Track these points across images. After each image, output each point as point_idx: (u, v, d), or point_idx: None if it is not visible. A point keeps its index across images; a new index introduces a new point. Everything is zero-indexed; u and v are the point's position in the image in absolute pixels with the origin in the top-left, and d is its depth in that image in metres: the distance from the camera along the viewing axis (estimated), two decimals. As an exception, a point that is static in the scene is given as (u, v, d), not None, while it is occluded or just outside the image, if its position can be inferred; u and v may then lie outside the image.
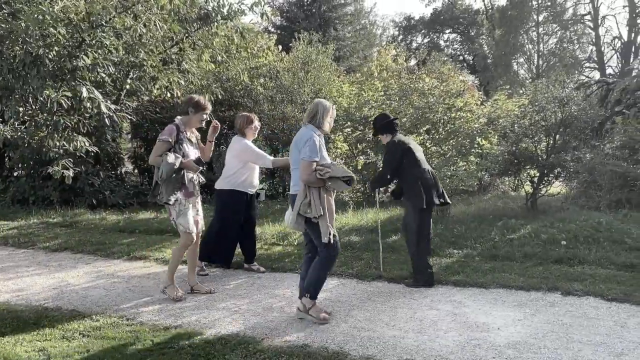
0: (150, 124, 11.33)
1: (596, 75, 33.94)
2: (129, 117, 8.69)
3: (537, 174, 8.60)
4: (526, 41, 35.64)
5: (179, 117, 4.95)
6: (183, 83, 9.72)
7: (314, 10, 33.92)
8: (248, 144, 5.55)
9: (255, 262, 5.88)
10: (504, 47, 33.07)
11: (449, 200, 5.46)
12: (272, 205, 10.03)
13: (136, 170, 12.54)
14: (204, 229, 5.09)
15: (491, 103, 8.29)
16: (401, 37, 44.04)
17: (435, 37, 45.38)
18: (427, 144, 7.94)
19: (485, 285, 5.02)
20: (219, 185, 5.63)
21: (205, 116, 4.86)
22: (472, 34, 43.47)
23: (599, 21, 34.59)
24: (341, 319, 4.25)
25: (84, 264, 6.23)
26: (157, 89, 9.06)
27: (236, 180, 5.53)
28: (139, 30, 7.51)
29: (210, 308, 4.58)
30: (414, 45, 43.12)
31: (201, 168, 4.86)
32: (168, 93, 8.97)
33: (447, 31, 45.83)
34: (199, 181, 4.91)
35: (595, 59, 34.92)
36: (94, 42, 7.63)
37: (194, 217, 4.81)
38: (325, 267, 4.23)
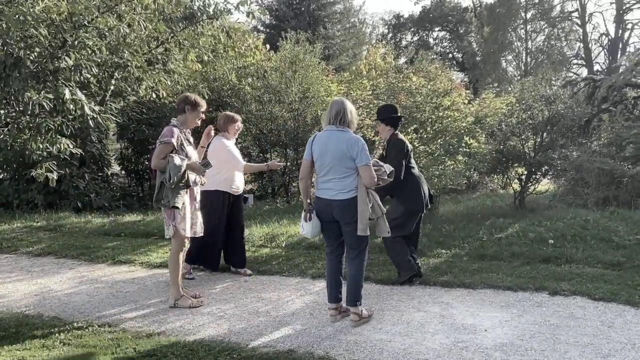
0: (136, 125, 11.21)
1: (584, 72, 34.19)
2: (114, 118, 8.57)
3: (525, 172, 8.60)
4: (514, 38, 35.77)
5: (174, 118, 4.87)
6: (169, 83, 9.63)
7: (303, 9, 33.85)
8: (224, 143, 5.45)
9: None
10: (493, 45, 33.18)
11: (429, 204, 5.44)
12: (261, 206, 9.96)
13: (123, 172, 12.41)
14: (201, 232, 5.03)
15: (479, 102, 8.26)
16: (390, 35, 44.05)
17: (424, 35, 45.44)
18: (416, 143, 7.88)
19: (473, 286, 4.99)
20: (207, 185, 5.55)
21: (201, 114, 4.78)
22: (461, 31, 43.54)
23: (586, 18, 34.82)
24: (327, 322, 4.20)
25: (67, 269, 6.13)
26: (143, 89, 8.95)
27: (217, 180, 5.46)
28: (122, 30, 7.41)
29: (195, 313, 4.52)
30: (404, 43, 43.16)
31: (209, 167, 4.80)
32: (154, 94, 8.86)
33: (436, 29, 45.88)
34: (201, 183, 4.84)
35: (583, 56, 35.15)
36: (76, 42, 7.51)
37: (195, 220, 4.74)
38: (364, 268, 4.28)
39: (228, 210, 5.61)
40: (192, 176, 4.65)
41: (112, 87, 8.89)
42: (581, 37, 34.72)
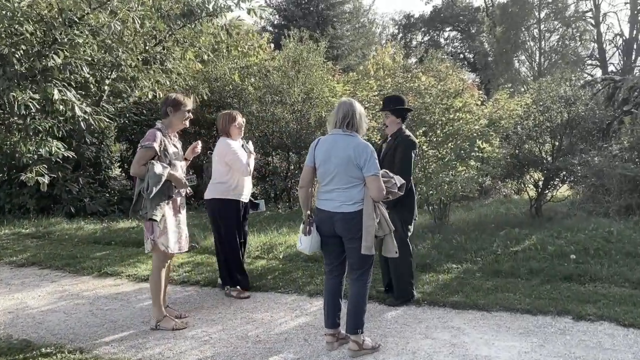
0: (137, 127, 10.83)
1: (598, 73, 33.41)
2: (107, 120, 8.15)
3: (542, 178, 8.08)
4: (528, 38, 35.06)
5: (159, 121, 4.44)
6: (168, 83, 9.20)
7: (311, 9, 33.47)
8: (229, 144, 4.95)
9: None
10: (505, 44, 32.51)
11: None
12: (262, 212, 9.49)
13: (123, 174, 12.04)
14: (188, 246, 4.55)
15: (492, 103, 7.75)
16: (401, 35, 43.51)
17: (435, 35, 44.89)
18: (424, 147, 7.40)
19: (488, 308, 4.50)
20: (209, 194, 5.04)
21: (187, 114, 4.32)
22: (473, 31, 42.94)
23: (601, 18, 34.10)
24: (322, 350, 3.74)
25: (49, 281, 5.71)
26: (139, 89, 8.53)
27: (227, 188, 4.94)
28: (113, 27, 6.98)
29: (178, 337, 4.07)
30: (414, 43, 42.62)
31: (192, 184, 4.35)
32: (150, 94, 8.44)
33: (448, 29, 45.37)
34: (186, 193, 4.40)
35: (597, 56, 34.40)
36: (66, 40, 7.10)
37: (180, 234, 4.29)
38: (367, 291, 3.80)
39: (243, 220, 5.17)
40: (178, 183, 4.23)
41: (106, 88, 8.46)
42: (595, 37, 33.99)
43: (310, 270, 5.74)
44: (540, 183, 8.07)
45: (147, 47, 9.16)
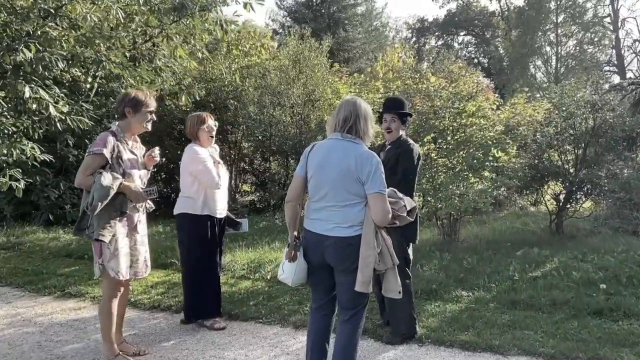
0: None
1: (616, 79, 32.41)
2: (89, 121, 7.50)
3: (564, 191, 7.30)
4: (544, 43, 34.13)
5: (114, 122, 3.79)
6: (158, 82, 8.55)
7: (323, 11, 32.96)
8: (196, 151, 4.25)
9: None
10: (521, 49, 31.60)
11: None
12: (258, 221, 8.82)
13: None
14: (149, 271, 3.85)
15: (509, 107, 7.00)
16: (414, 39, 42.75)
17: (449, 39, 44.12)
18: (433, 155, 6.68)
19: (503, 351, 3.75)
20: (177, 208, 4.34)
21: (149, 116, 3.64)
22: (488, 36, 42.09)
23: (619, 24, 33.13)
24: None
25: (4, 302, 5.06)
26: (124, 88, 7.90)
27: (195, 202, 4.24)
28: (89, 19, 6.34)
29: (129, 382, 3.38)
30: (427, 47, 41.82)
31: (153, 198, 3.66)
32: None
33: (462, 33, 44.61)
34: (145, 208, 3.72)
35: (615, 62, 33.41)
36: (39, 32, 6.48)
37: (136, 257, 3.61)
38: (359, 337, 3.10)
39: (219, 239, 4.45)
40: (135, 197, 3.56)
41: (89, 86, 7.84)
42: (614, 43, 32.99)
43: (299, 296, 5.03)
44: (562, 196, 7.29)
45: (136, 44, 8.55)
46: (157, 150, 3.77)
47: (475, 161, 6.29)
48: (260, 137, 9.10)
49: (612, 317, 4.34)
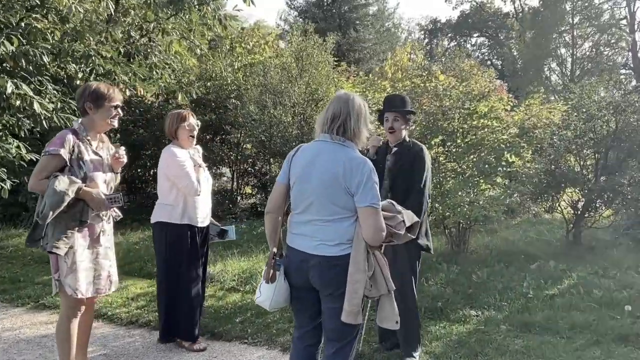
0: (132, 128, 9.88)
1: (632, 82, 31.60)
2: (76, 118, 7.13)
3: (582, 199, 6.78)
4: (559, 44, 33.42)
5: (76, 119, 3.38)
6: (153, 78, 8.16)
7: (334, 11, 32.59)
8: (174, 153, 3.80)
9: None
10: (536, 50, 30.92)
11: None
12: (257, 226, 8.40)
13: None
14: (115, 286, 3.42)
15: (524, 109, 6.50)
16: (426, 41, 42.18)
17: (462, 41, 43.51)
18: (441, 159, 6.21)
19: (516, 385, 3.29)
20: (154, 216, 3.90)
21: (114, 111, 3.21)
22: (501, 37, 41.43)
23: (636, 26, 32.34)
24: None
25: (-28, 314, 4.68)
26: (115, 85, 7.52)
27: (173, 210, 3.80)
28: (73, 9, 5.98)
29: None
30: (440, 50, 41.23)
31: (118, 205, 3.24)
32: (127, 91, 7.40)
33: (475, 35, 43.98)
34: (110, 216, 3.31)
35: (632, 65, 32.63)
36: (23, 24, 6.13)
37: (98, 272, 3.19)
38: None
39: (201, 250, 4.00)
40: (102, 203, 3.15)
41: (78, 82, 7.47)
42: (630, 45, 32.21)
43: (289, 313, 4.55)
44: (580, 205, 6.77)
45: (131, 38, 8.19)
46: (122, 150, 3.34)
47: (486, 166, 5.82)
48: (261, 138, 8.68)
49: (639, 344, 3.85)
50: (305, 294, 2.64)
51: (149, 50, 7.99)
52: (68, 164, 3.05)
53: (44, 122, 6.56)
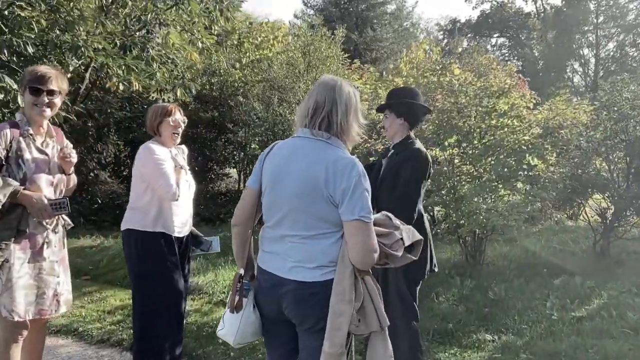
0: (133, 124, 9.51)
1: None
2: (67, 114, 6.71)
3: (611, 208, 6.17)
4: (583, 44, 32.46)
5: (18, 112, 2.90)
6: (151, 71, 7.69)
7: (351, 9, 32.14)
8: (153, 150, 3.26)
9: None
10: (558, 50, 30.04)
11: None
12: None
13: (115, 179, 10.70)
14: (67, 307, 2.93)
15: (548, 106, 5.90)
16: (446, 41, 41.42)
17: (482, 41, 42.66)
18: (456, 161, 5.66)
19: None
20: (125, 223, 3.34)
21: (50, 99, 2.71)
22: (522, 38, 40.53)
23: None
24: None
25: None
26: (109, 79, 7.11)
27: (146, 216, 3.26)
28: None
29: None
30: (459, 50, 40.45)
31: (61, 212, 2.76)
32: (120, 85, 6.97)
33: (495, 35, 43.12)
34: (58, 224, 2.83)
35: (656, 66, 31.63)
36: (6, 13, 5.73)
37: (42, 290, 2.70)
38: None
39: (180, 262, 3.42)
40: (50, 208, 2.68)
41: (70, 75, 7.07)
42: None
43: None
44: (609, 213, 6.15)
45: (129, 30, 7.75)
46: (70, 147, 2.85)
47: (506, 169, 5.24)
48: (265, 139, 8.21)
49: (686, 382, 3.27)
50: (278, 327, 2.14)
51: (146, 42, 7.54)
52: (4, 162, 2.58)
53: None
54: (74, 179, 2.94)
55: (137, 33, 7.83)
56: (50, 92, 2.69)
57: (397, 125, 3.03)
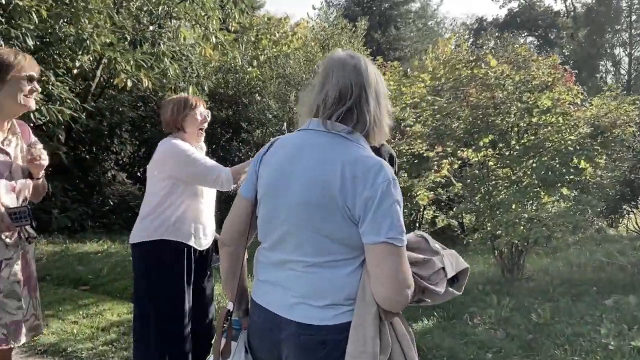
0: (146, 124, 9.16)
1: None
2: (70, 112, 6.32)
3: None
4: (617, 43, 31.34)
5: None
6: (162, 67, 7.29)
7: (374, 8, 31.61)
8: (177, 143, 2.71)
9: None
10: (590, 49, 28.99)
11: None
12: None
13: (127, 180, 10.36)
14: (35, 333, 2.44)
15: (598, 101, 5.26)
16: (471, 40, 40.53)
17: (510, 40, 41.67)
18: (491, 163, 5.08)
19: None
20: (135, 236, 2.76)
21: (26, 84, 2.22)
22: (552, 37, 39.43)
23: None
24: None
25: None
26: (117, 75, 6.72)
27: (165, 222, 2.67)
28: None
29: None
30: (491, 44, 39.55)
31: (22, 224, 2.26)
32: (128, 81, 6.56)
33: (524, 34, 42.07)
34: (22, 236, 2.34)
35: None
36: (4, 2, 5.36)
37: (5, 311, 2.21)
38: None
39: (193, 278, 2.81)
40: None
41: (76, 71, 6.70)
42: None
43: None
44: (664, 223, 5.51)
45: (140, 24, 7.38)
46: (39, 147, 2.37)
47: (550, 173, 4.64)
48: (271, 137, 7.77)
49: None
50: None
51: (157, 37, 7.14)
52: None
53: (31, 115, 5.78)
54: (43, 184, 2.47)
55: (149, 27, 7.45)
56: (31, 79, 2.21)
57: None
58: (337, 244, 1.45)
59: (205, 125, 2.89)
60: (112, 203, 8.70)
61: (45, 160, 2.36)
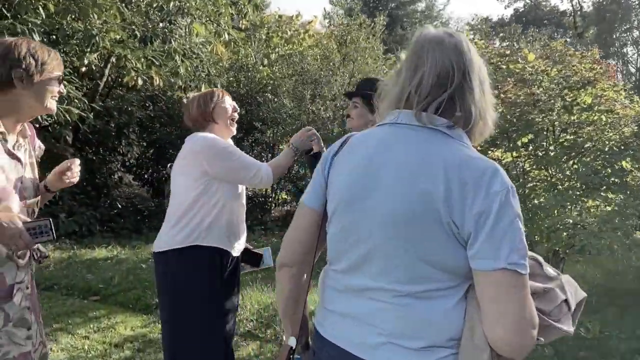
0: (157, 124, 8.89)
1: None
2: (79, 111, 6.03)
3: None
4: (629, 42, 30.99)
5: None
6: (172, 65, 7.00)
7: (380, 8, 31.28)
8: (210, 136, 2.40)
9: None
10: (600, 47, 28.63)
11: None
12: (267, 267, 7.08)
13: (136, 182, 10.07)
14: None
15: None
16: (476, 41, 40.29)
17: (515, 41, 41.34)
18: (527, 165, 4.77)
19: None
20: (161, 244, 2.40)
21: (56, 88, 1.86)
22: (558, 36, 39.11)
23: None
24: None
25: None
26: (127, 72, 6.44)
27: (197, 228, 2.33)
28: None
29: None
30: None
31: (42, 241, 1.92)
32: (139, 79, 6.28)
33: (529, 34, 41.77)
34: (35, 256, 2.02)
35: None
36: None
37: (5, 350, 1.88)
38: None
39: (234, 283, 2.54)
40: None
41: (84, 69, 6.41)
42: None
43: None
44: None
45: (150, 20, 7.10)
46: (77, 163, 2.04)
47: (593, 176, 4.32)
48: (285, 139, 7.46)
49: None
50: None
51: (167, 33, 6.84)
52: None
53: (38, 116, 5.50)
54: (48, 196, 2.15)
55: (160, 24, 7.16)
56: (60, 80, 1.91)
57: (363, 117, 2.39)
58: (437, 270, 1.14)
59: (236, 115, 2.59)
60: (120, 206, 8.40)
61: (76, 178, 2.06)
